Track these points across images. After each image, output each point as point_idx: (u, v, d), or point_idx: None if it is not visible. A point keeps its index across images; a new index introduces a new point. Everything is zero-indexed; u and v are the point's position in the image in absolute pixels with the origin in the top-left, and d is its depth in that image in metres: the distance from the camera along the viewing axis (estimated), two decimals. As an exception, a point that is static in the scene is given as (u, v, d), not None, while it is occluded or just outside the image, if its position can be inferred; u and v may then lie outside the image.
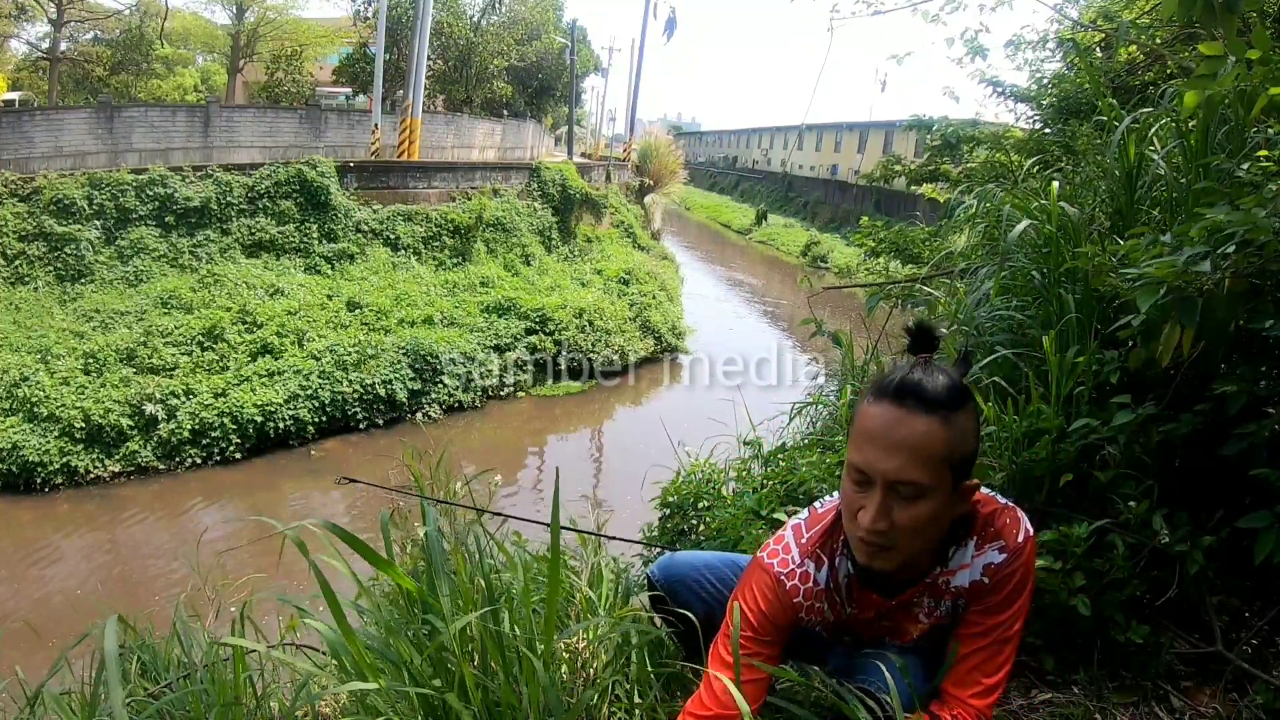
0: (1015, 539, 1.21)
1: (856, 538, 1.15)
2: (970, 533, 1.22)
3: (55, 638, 1.84)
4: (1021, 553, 1.21)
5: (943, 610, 1.27)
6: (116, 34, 24.20)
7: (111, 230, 12.19)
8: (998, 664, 1.22)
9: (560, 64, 28.39)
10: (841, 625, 1.33)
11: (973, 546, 1.22)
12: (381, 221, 14.63)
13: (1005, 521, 1.22)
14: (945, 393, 1.10)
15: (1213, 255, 1.45)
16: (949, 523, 1.17)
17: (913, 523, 1.10)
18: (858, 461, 1.12)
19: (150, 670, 1.90)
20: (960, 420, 1.10)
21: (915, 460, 1.08)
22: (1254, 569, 1.57)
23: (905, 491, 1.09)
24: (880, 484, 1.10)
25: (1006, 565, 1.21)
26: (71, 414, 9.27)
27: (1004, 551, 1.21)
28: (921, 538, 1.14)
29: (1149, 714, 1.59)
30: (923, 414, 1.08)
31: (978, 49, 4.80)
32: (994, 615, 1.22)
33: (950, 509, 1.14)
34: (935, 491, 1.09)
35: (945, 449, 1.08)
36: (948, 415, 1.09)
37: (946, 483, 1.10)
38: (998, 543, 1.21)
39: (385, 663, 1.33)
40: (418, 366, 11.77)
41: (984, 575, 1.22)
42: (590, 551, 2.15)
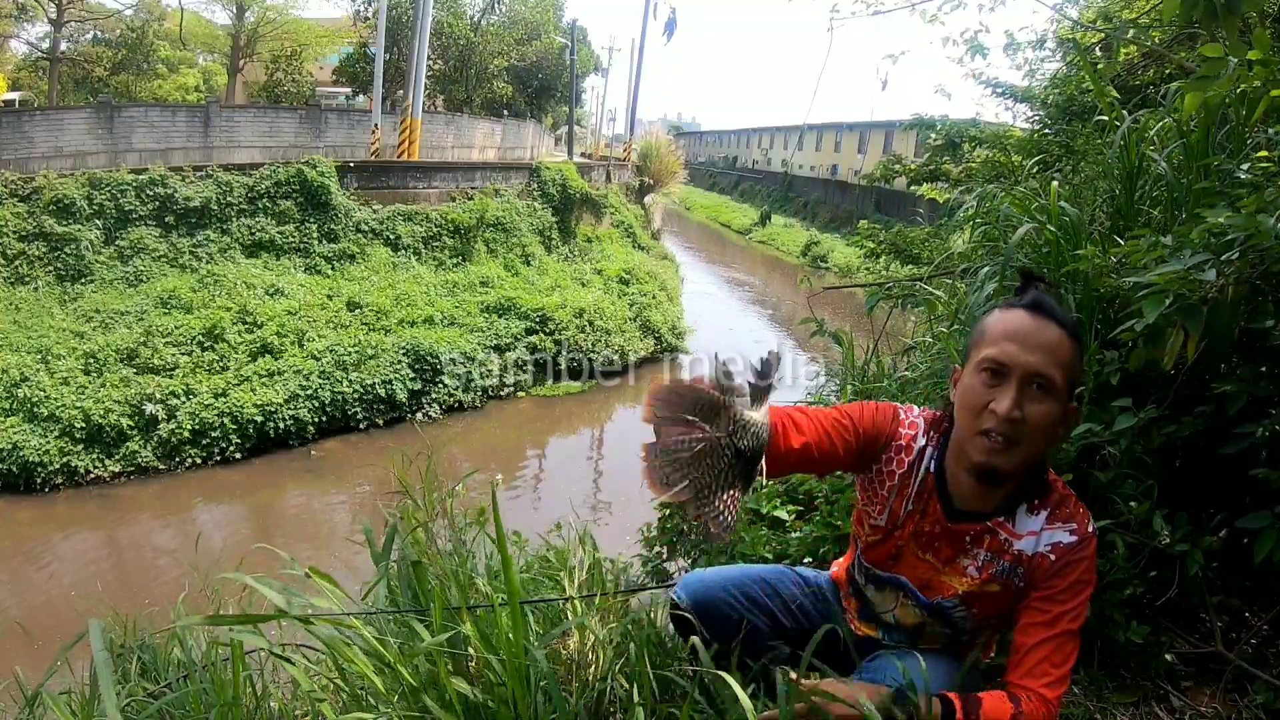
0: (1086, 528, 1.23)
1: (980, 432, 1.17)
2: (1042, 499, 1.23)
3: (55, 638, 1.83)
4: (1090, 542, 1.22)
5: (998, 571, 1.24)
6: (117, 34, 24.21)
7: (111, 230, 12.19)
8: (1065, 654, 1.20)
9: (560, 64, 28.38)
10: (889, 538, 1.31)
11: (1043, 518, 1.23)
12: (381, 221, 14.63)
13: (1080, 509, 1.24)
14: (1074, 320, 1.22)
15: (1216, 261, 1.44)
16: (1049, 446, 1.21)
17: (1041, 419, 1.15)
18: (996, 355, 1.16)
19: (150, 670, 1.90)
20: (1077, 344, 1.19)
21: (1051, 359, 1.15)
22: (1254, 569, 1.57)
23: (1039, 385, 1.14)
24: (1017, 377, 1.15)
25: (1075, 550, 1.21)
26: (71, 414, 9.27)
27: (1074, 534, 1.22)
28: (1040, 440, 1.17)
29: (1149, 714, 1.59)
30: (1057, 325, 1.17)
31: (977, 48, 4.80)
32: (1061, 603, 1.21)
33: (1059, 426, 1.18)
34: (1058, 397, 1.15)
35: (1071, 359, 1.17)
36: (1074, 333, 1.19)
37: (1065, 393, 1.16)
38: (1069, 525, 1.22)
39: (382, 666, 1.33)
40: (418, 366, 11.77)
41: (1050, 552, 1.21)
42: (588, 550, 2.14)
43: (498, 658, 1.28)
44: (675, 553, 2.75)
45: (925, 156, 6.50)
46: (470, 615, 1.36)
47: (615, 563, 2.33)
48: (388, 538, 1.70)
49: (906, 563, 1.31)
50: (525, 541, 2.33)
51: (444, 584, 1.49)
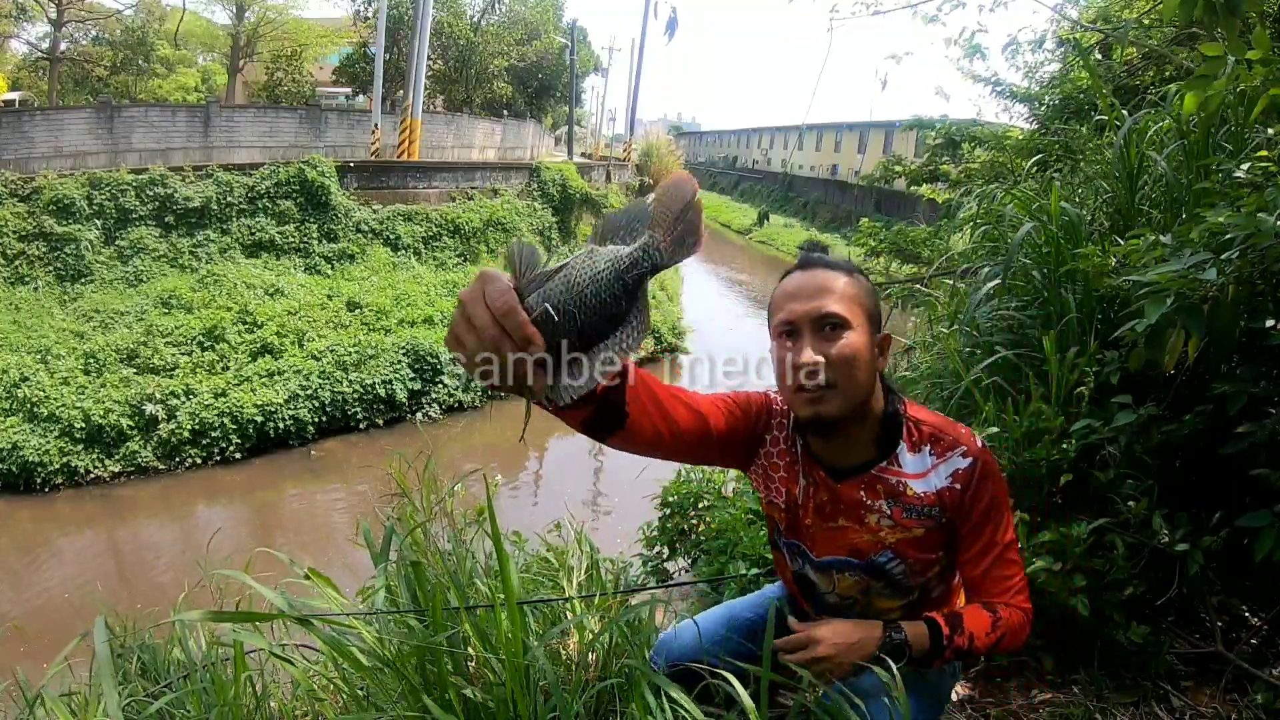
0: (975, 444, 1.23)
1: (795, 391, 1.18)
2: (919, 434, 1.24)
3: (55, 638, 1.83)
4: (985, 457, 1.23)
5: (910, 513, 1.23)
6: (117, 34, 24.21)
7: (111, 230, 12.18)
8: (1014, 569, 1.24)
9: (560, 64, 28.37)
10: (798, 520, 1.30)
11: (928, 454, 1.23)
12: (381, 221, 14.63)
13: (960, 431, 1.25)
14: (843, 261, 1.25)
15: (1216, 261, 1.44)
16: (875, 379, 1.20)
17: (843, 351, 1.15)
18: (782, 317, 1.20)
19: (150, 670, 1.90)
20: (861, 279, 1.22)
21: (831, 298, 1.17)
22: (1254, 569, 1.57)
23: (831, 325, 1.16)
24: (806, 326, 1.17)
25: (975, 469, 1.21)
26: (71, 414, 9.27)
27: (967, 456, 1.22)
28: (855, 373, 1.16)
29: (1149, 714, 1.59)
30: (831, 270, 1.21)
31: (976, 49, 4.80)
32: (989, 528, 1.23)
33: (874, 358, 1.19)
34: (857, 329, 1.16)
35: (855, 293, 1.19)
36: (850, 273, 1.22)
37: (863, 324, 1.18)
38: (958, 449, 1.23)
39: (381, 666, 1.33)
40: (418, 366, 11.77)
41: (954, 482, 1.21)
42: (586, 550, 2.14)
43: (497, 658, 1.28)
44: (675, 552, 2.75)
45: (925, 157, 6.50)
46: (469, 615, 1.36)
47: (615, 563, 2.33)
48: (385, 539, 1.70)
49: (824, 538, 1.30)
50: (525, 541, 2.33)
51: (443, 584, 1.49)
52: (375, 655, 1.32)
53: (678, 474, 2.88)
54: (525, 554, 2.33)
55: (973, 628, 1.20)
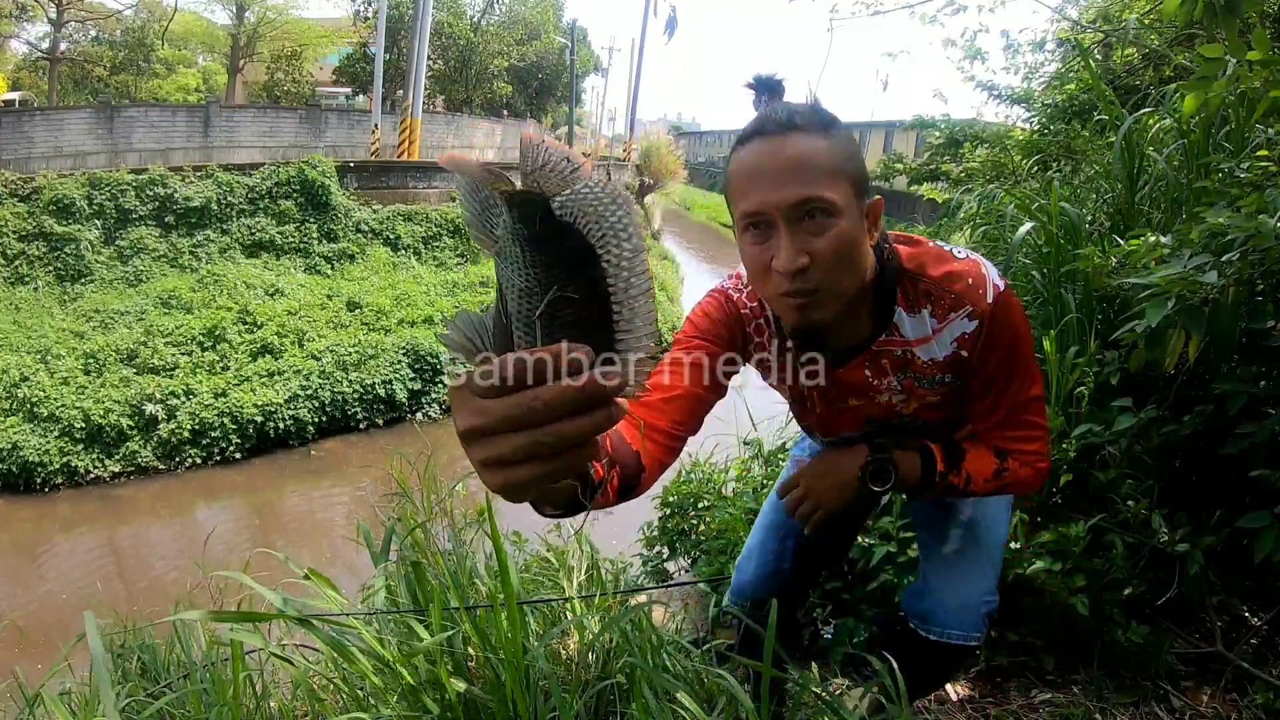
0: (982, 300, 1.04)
1: (778, 296, 0.98)
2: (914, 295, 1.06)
3: (55, 638, 1.83)
4: (995, 313, 1.04)
5: (922, 382, 1.11)
6: (117, 34, 24.22)
7: (111, 230, 12.19)
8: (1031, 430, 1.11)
9: (560, 64, 28.38)
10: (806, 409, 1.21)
11: (929, 315, 1.06)
12: (381, 221, 14.63)
13: (966, 284, 1.04)
14: (814, 113, 0.97)
15: (1216, 262, 1.44)
16: (869, 259, 1.02)
17: (833, 247, 0.94)
18: (747, 207, 0.96)
19: (150, 670, 1.90)
20: (840, 136, 0.96)
21: (810, 177, 0.93)
22: (1254, 569, 1.57)
23: (812, 213, 0.93)
24: (782, 219, 0.94)
25: (982, 331, 1.04)
26: (71, 414, 9.27)
27: (973, 318, 1.04)
28: (848, 268, 0.97)
29: (1149, 714, 1.59)
30: (799, 134, 0.94)
31: (975, 52, 4.81)
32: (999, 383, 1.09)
33: (864, 234, 0.99)
34: (843, 210, 0.94)
35: (836, 160, 0.94)
36: (825, 130, 0.95)
37: (851, 199, 0.95)
38: (962, 310, 1.04)
39: (381, 666, 1.33)
40: (418, 366, 11.77)
41: (960, 348, 1.06)
42: (586, 550, 2.14)
43: (497, 658, 1.28)
44: (675, 552, 2.75)
45: (925, 156, 6.50)
46: (469, 615, 1.36)
47: (615, 562, 2.33)
48: (385, 538, 1.70)
49: (837, 419, 1.20)
50: (525, 541, 2.33)
51: (443, 584, 1.49)
52: (375, 655, 1.32)
53: (678, 474, 2.88)
54: (525, 554, 2.33)
55: (973, 469, 1.10)
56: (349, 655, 1.32)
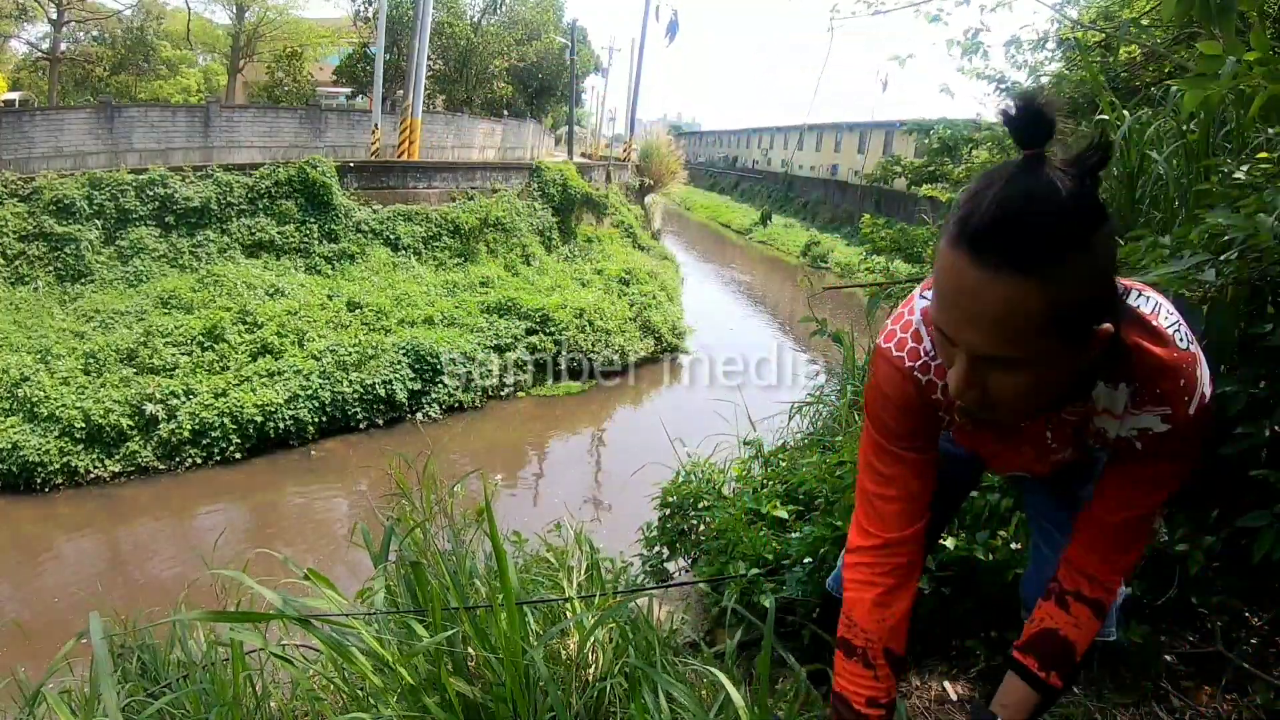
0: (1184, 410, 0.93)
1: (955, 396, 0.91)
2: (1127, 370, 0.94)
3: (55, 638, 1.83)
4: (1189, 429, 0.94)
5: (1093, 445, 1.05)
6: (118, 34, 24.22)
7: (111, 230, 12.19)
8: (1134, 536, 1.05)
9: (560, 64, 28.38)
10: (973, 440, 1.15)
11: (1127, 396, 0.95)
12: (382, 221, 14.64)
13: (1178, 385, 0.92)
14: (1044, 235, 0.76)
15: (1215, 262, 1.44)
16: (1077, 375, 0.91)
17: (1012, 392, 0.86)
18: (937, 319, 0.86)
19: (150, 670, 1.90)
20: (1071, 267, 0.77)
21: (1001, 334, 0.80)
22: (1254, 569, 1.57)
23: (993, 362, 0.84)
24: (964, 352, 0.84)
25: (1164, 440, 0.96)
26: (71, 414, 9.27)
27: (1167, 421, 0.94)
28: (1031, 402, 0.89)
29: (1149, 714, 1.59)
30: (1009, 274, 0.76)
31: (976, 47, 4.80)
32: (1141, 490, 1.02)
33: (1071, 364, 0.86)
34: (1035, 362, 0.83)
35: (1042, 317, 0.78)
36: (1046, 269, 0.76)
37: (1052, 348, 0.81)
38: (1162, 409, 0.94)
39: (381, 666, 1.33)
40: (418, 367, 11.77)
41: (1138, 440, 0.98)
42: (586, 551, 2.14)
43: (497, 658, 1.28)
44: (675, 552, 2.74)
45: (925, 158, 6.50)
46: (469, 615, 1.36)
47: (615, 563, 2.33)
48: (385, 539, 1.70)
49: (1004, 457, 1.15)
50: (524, 541, 2.33)
51: (442, 584, 1.49)
52: (375, 655, 1.32)
53: (677, 474, 2.88)
54: (525, 554, 2.33)
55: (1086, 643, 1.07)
56: (349, 655, 1.32)
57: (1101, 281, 0.82)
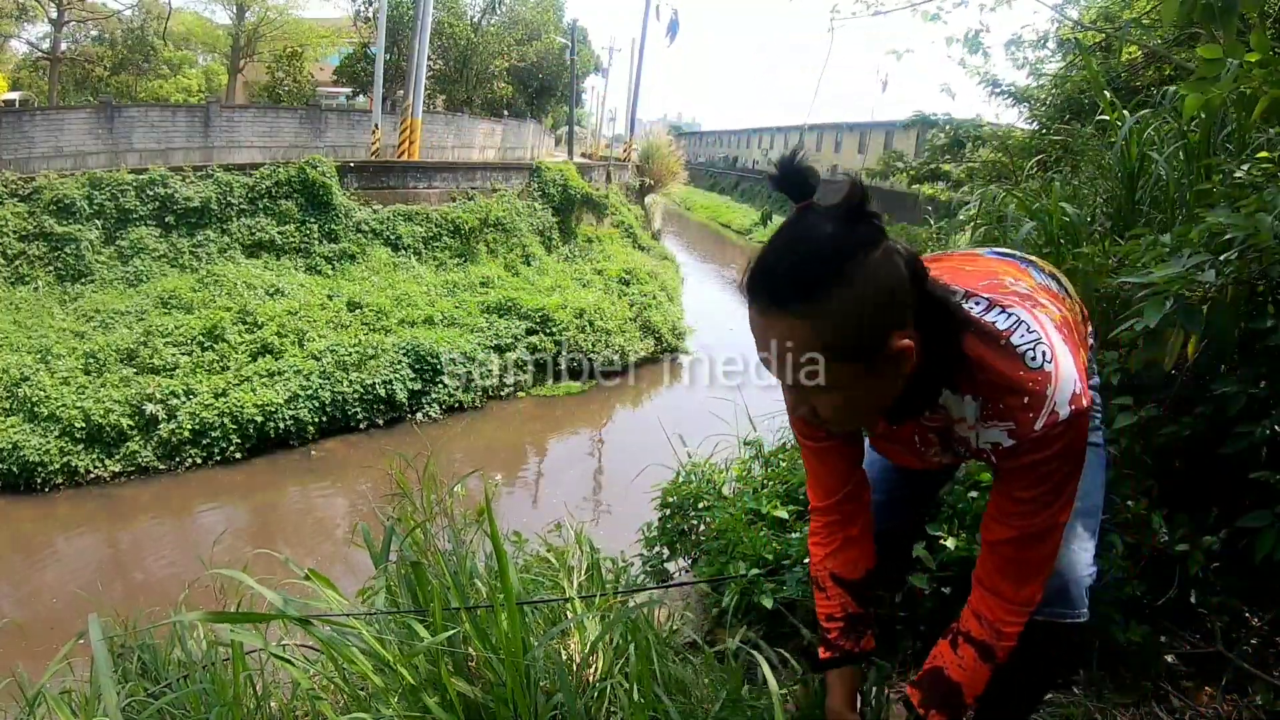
0: (1029, 427, 0.95)
1: None
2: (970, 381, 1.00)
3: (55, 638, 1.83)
4: (1036, 446, 0.96)
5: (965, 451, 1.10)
6: (118, 34, 24.22)
7: (111, 230, 12.19)
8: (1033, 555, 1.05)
9: (560, 64, 28.38)
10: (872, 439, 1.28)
11: (976, 408, 1.00)
12: (382, 221, 14.63)
13: (1021, 403, 0.95)
14: (804, 277, 0.87)
15: (1215, 262, 1.44)
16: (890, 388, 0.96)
17: (830, 410, 0.96)
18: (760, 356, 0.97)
19: (150, 670, 1.89)
20: (836, 302, 0.87)
21: (791, 364, 0.92)
22: (1254, 569, 1.57)
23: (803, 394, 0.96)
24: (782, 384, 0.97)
25: (1017, 454, 0.99)
26: (72, 414, 9.27)
27: (1013, 437, 0.97)
28: (854, 418, 1.01)
29: (1149, 714, 1.59)
30: (779, 311, 0.89)
31: (977, 46, 4.80)
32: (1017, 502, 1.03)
33: (881, 380, 0.94)
34: (836, 386, 0.92)
35: (820, 344, 0.89)
36: (811, 304, 0.87)
37: (844, 372, 0.91)
38: (1006, 424, 0.98)
39: (381, 666, 1.33)
40: (418, 367, 11.77)
41: (991, 453, 1.02)
42: (586, 551, 2.14)
43: (497, 657, 1.28)
44: (675, 552, 2.74)
45: (926, 155, 6.50)
46: (469, 615, 1.36)
47: (615, 563, 2.33)
48: (385, 539, 1.70)
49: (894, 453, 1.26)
50: (525, 541, 2.33)
51: (443, 584, 1.49)
52: (375, 655, 1.32)
53: (677, 474, 2.88)
54: (525, 554, 2.33)
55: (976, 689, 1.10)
56: (349, 655, 1.32)
57: (875, 305, 0.89)
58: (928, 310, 0.96)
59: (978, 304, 1.04)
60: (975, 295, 1.05)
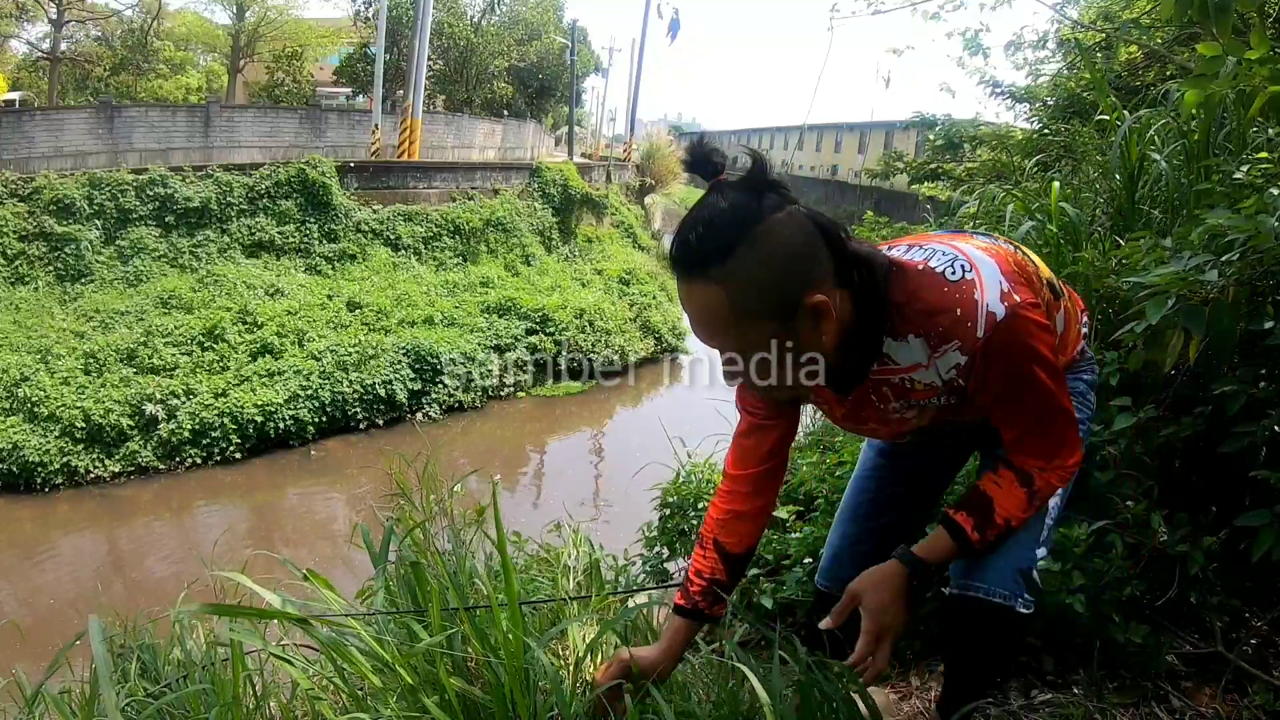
0: (971, 335, 0.99)
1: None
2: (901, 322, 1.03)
3: (55, 638, 1.83)
4: (988, 348, 0.99)
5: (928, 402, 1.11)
6: (118, 34, 24.22)
7: (111, 230, 12.19)
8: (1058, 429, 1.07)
9: (560, 64, 28.38)
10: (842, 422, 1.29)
11: (921, 344, 1.03)
12: (382, 222, 14.63)
13: (954, 316, 1.00)
14: (707, 244, 0.94)
15: (1217, 263, 1.44)
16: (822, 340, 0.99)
17: (763, 374, 1.00)
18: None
19: (150, 670, 1.89)
20: (744, 263, 0.93)
21: (714, 330, 0.98)
22: (1254, 569, 1.57)
23: (731, 355, 1.01)
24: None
25: (974, 364, 1.01)
26: (72, 414, 9.27)
27: (963, 353, 1.01)
28: (788, 377, 1.01)
29: (1149, 714, 1.59)
30: (697, 280, 0.95)
31: (977, 47, 4.80)
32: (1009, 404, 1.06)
33: (805, 338, 0.98)
34: (759, 345, 0.98)
35: (734, 309, 0.94)
36: (722, 269, 0.93)
37: (764, 330, 0.97)
38: (951, 343, 1.01)
39: (381, 666, 1.33)
40: (418, 367, 11.77)
41: (957, 376, 1.04)
42: (584, 551, 2.14)
43: (497, 658, 1.28)
44: (675, 552, 2.74)
45: (926, 154, 6.50)
46: (469, 615, 1.36)
47: (615, 563, 2.33)
48: (384, 539, 1.70)
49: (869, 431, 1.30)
50: (525, 541, 2.33)
51: (442, 584, 1.49)
52: (375, 656, 1.32)
53: (677, 474, 2.88)
54: (524, 554, 2.33)
55: (1007, 510, 1.10)
56: (348, 656, 1.32)
57: (784, 265, 0.95)
58: (851, 268, 1.01)
59: (897, 251, 1.09)
60: (895, 245, 1.10)
